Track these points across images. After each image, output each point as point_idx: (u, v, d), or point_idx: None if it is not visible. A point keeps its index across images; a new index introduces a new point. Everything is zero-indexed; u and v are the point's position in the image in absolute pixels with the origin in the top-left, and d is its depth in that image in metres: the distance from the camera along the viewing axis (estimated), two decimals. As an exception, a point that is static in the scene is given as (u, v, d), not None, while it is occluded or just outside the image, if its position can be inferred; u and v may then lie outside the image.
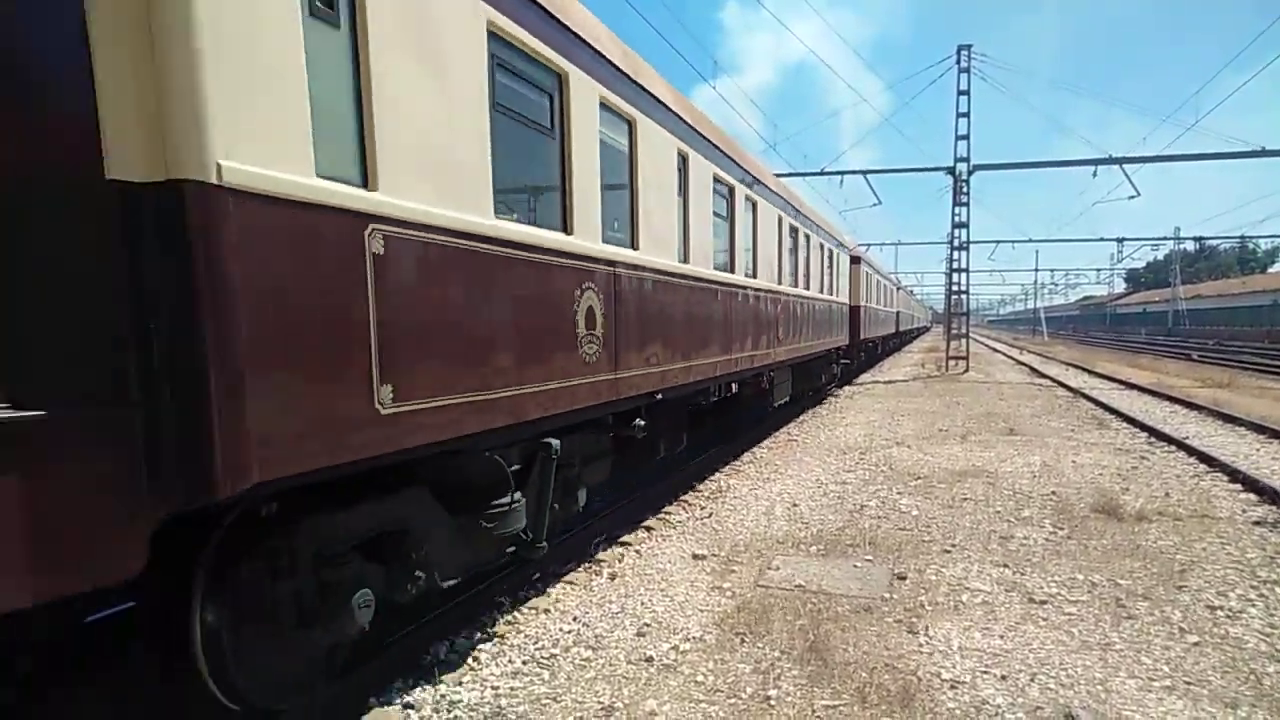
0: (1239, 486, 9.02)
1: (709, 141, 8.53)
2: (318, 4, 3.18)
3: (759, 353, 10.71)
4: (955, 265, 28.62)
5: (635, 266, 6.42)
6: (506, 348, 4.51)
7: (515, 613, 5.53)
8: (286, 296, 2.98)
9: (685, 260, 7.74)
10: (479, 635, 5.15)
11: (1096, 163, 25.30)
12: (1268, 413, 14.93)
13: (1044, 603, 5.49)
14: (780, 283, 12.16)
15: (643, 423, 6.95)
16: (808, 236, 14.57)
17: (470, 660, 4.77)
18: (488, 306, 4.33)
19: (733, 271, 9.51)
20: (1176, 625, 5.07)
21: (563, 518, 6.07)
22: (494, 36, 4.42)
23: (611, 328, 5.93)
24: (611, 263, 5.95)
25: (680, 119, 7.56)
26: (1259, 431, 13.00)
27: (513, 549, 5.10)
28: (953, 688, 4.25)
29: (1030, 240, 61.29)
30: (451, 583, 4.49)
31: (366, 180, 3.47)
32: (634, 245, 6.52)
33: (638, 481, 9.00)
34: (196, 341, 2.64)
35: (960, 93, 26.00)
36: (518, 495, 4.85)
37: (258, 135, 2.85)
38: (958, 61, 26.04)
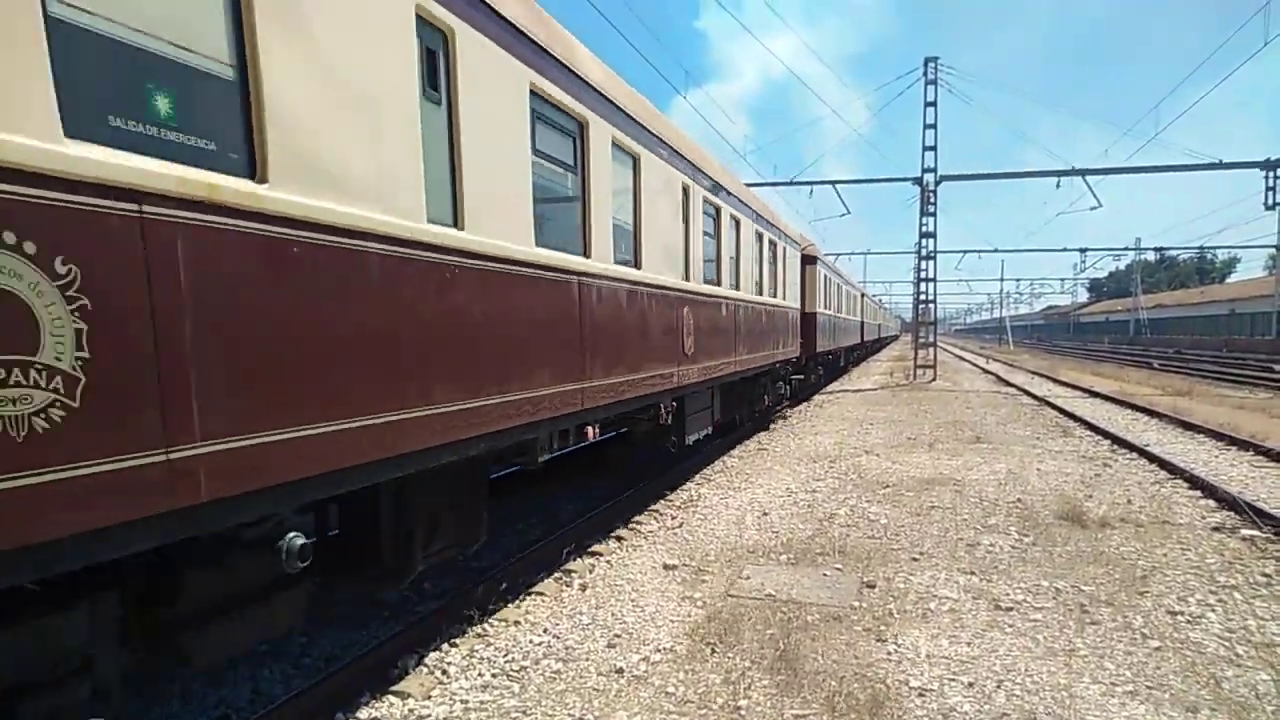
0: (1198, 493, 9.21)
1: (861, 293, 34.37)
2: None
3: (847, 343, 28.46)
4: (922, 274, 28.98)
5: (833, 317, 23.12)
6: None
7: (485, 625, 5.48)
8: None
9: (853, 314, 29.48)
10: (448, 648, 5.09)
11: (1060, 174, 25.78)
12: (1226, 420, 15.26)
13: (1010, 609, 5.56)
14: (857, 316, 30.88)
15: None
16: (851, 291, 30.81)
17: (439, 673, 4.72)
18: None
19: (852, 315, 28.04)
20: (1138, 630, 5.16)
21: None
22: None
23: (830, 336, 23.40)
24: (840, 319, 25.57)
25: (856, 289, 32.12)
26: (1217, 439, 13.30)
27: None
28: (920, 695, 4.29)
29: (996, 250, 62.18)
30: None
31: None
32: (832, 310, 20.88)
33: (611, 490, 8.98)
34: (810, 332, 18.55)
35: (927, 104, 26.36)
36: None
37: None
38: (925, 74, 26.42)
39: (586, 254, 6.11)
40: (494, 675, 4.68)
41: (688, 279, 8.82)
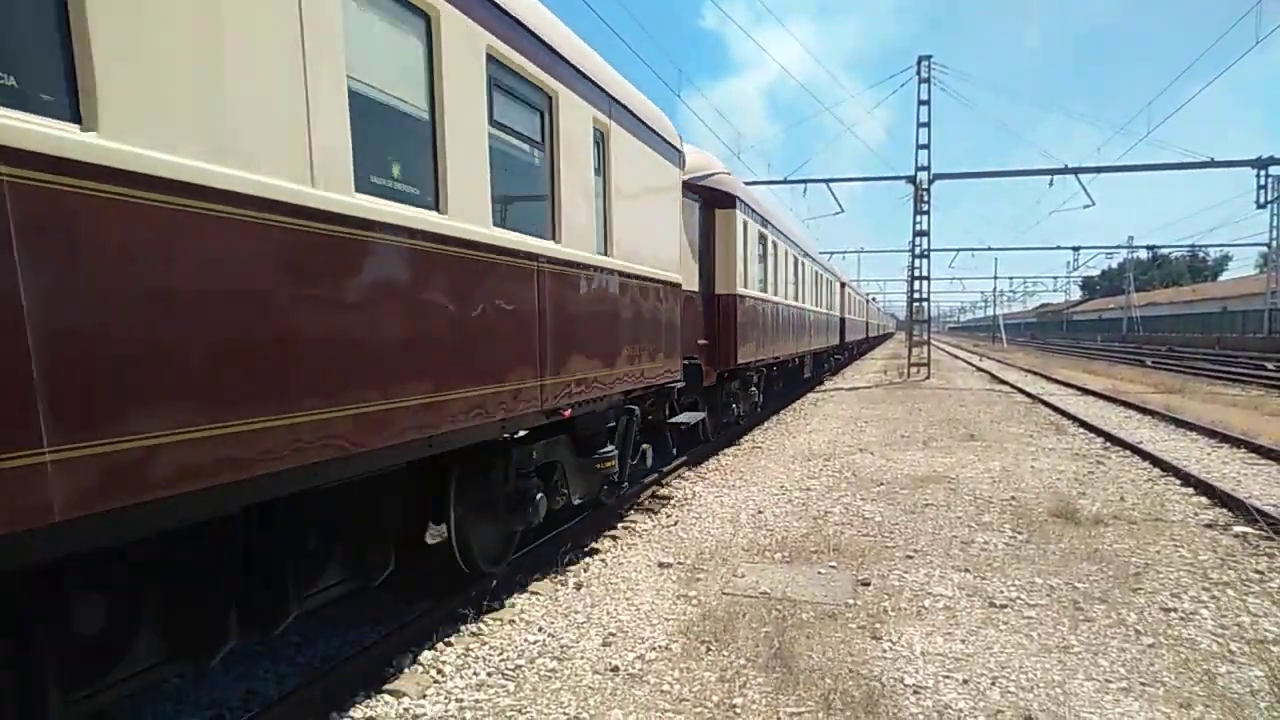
0: (1191, 490, 9.25)
1: (869, 298, 57.42)
2: None
3: (874, 335, 59.04)
4: (916, 273, 29.03)
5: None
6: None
7: (480, 623, 5.46)
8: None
9: (863, 316, 45.98)
10: (443, 647, 5.08)
11: (1052, 172, 25.88)
12: (1218, 417, 15.33)
13: (1004, 607, 5.57)
14: (864, 317, 46.10)
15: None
16: (872, 300, 58.49)
17: (434, 672, 4.70)
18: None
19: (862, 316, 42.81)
20: (1132, 627, 5.18)
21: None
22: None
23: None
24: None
25: (863, 296, 49.63)
26: (1210, 436, 13.35)
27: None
28: (915, 692, 4.29)
29: (989, 248, 62.91)
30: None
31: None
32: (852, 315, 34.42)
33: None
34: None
35: (920, 103, 26.40)
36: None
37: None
38: (918, 72, 26.46)
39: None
40: (489, 674, 4.67)
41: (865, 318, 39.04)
